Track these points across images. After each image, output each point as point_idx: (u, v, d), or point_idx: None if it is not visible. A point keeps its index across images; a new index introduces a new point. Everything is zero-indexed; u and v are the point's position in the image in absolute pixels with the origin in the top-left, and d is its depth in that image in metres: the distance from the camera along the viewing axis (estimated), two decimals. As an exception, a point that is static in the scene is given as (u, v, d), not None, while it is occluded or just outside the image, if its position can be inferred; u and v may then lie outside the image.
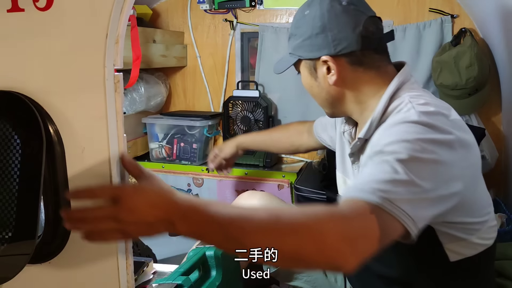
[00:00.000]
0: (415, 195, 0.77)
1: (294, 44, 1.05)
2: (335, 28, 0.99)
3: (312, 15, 1.01)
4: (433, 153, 0.81)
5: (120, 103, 0.71)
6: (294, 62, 1.08)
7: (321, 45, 1.00)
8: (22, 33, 0.67)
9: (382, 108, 0.97)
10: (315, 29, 1.00)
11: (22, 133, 0.65)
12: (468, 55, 1.91)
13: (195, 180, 2.34)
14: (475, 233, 0.94)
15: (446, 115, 0.89)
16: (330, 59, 1.00)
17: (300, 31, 1.03)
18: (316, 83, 1.06)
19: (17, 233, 0.65)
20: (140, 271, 1.06)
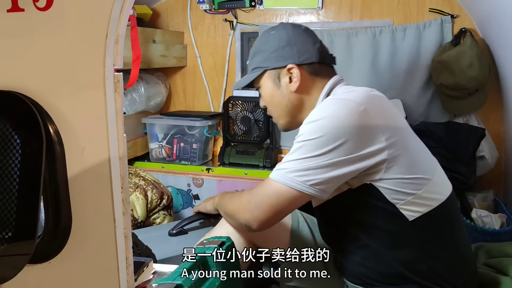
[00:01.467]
0: (302, 165, 1.02)
1: (260, 59, 1.22)
2: (299, 43, 1.19)
3: (278, 33, 1.21)
4: (344, 126, 1.01)
5: (120, 103, 0.71)
6: (256, 77, 1.24)
7: (287, 56, 1.18)
8: (22, 33, 0.67)
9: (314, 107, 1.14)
10: (282, 43, 1.19)
11: (22, 133, 0.65)
12: (468, 55, 1.91)
13: (195, 180, 2.34)
14: (421, 187, 1.05)
15: (361, 94, 1.07)
16: (295, 67, 1.18)
17: (267, 47, 1.22)
18: (278, 91, 1.21)
19: (17, 233, 0.65)
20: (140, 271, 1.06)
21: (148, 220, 1.96)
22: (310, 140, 1.02)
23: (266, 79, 1.23)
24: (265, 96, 1.26)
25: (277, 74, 1.21)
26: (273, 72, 1.21)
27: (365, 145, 1.01)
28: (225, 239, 1.09)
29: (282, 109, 1.23)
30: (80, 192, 0.70)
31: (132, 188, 1.92)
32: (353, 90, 1.11)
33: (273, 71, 1.21)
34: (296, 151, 1.04)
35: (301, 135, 1.05)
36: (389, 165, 1.02)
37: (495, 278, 1.18)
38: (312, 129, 1.02)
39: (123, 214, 0.73)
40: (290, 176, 1.03)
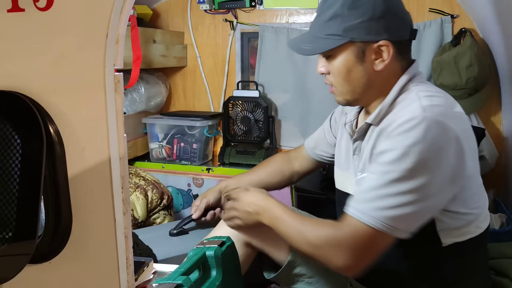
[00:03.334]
0: (407, 209, 0.90)
1: (345, 25, 0.99)
2: (395, 14, 1.00)
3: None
4: (428, 165, 0.90)
5: (120, 103, 0.71)
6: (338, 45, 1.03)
7: (381, 29, 0.99)
8: (22, 33, 0.67)
9: (393, 98, 1.02)
10: (378, 13, 0.98)
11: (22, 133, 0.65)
12: (468, 55, 1.91)
13: (195, 180, 2.34)
14: (472, 222, 1.01)
15: (450, 106, 0.97)
16: (388, 44, 1.00)
17: (357, 13, 0.98)
18: (360, 67, 1.03)
19: (17, 233, 0.65)
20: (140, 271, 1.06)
21: (148, 220, 1.97)
22: (400, 168, 0.90)
23: (347, 50, 1.02)
24: (338, 69, 1.05)
25: (363, 48, 1.01)
26: (359, 45, 1.01)
27: (455, 178, 0.94)
28: (225, 239, 1.09)
29: (355, 86, 1.06)
30: (80, 192, 0.70)
31: (133, 188, 1.92)
32: (437, 101, 0.96)
33: (359, 44, 1.01)
34: (381, 178, 0.92)
35: (385, 157, 0.93)
36: (454, 197, 0.96)
37: (494, 280, 1.18)
38: (403, 154, 0.90)
39: (124, 214, 0.73)
40: (376, 214, 0.91)
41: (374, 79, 1.04)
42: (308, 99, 2.36)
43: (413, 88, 1.01)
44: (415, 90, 1.00)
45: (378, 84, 1.05)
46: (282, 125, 2.45)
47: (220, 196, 1.49)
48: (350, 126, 1.16)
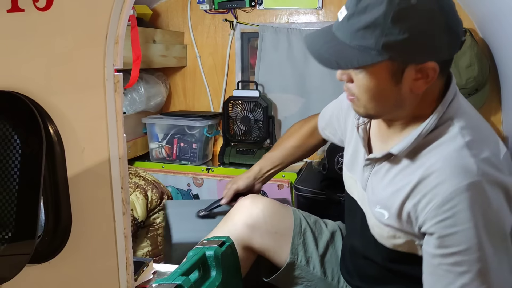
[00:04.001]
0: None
1: (386, 40, 0.78)
2: (452, 29, 0.80)
3: (425, 8, 0.77)
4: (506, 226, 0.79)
5: (120, 103, 0.71)
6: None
7: (426, 49, 0.80)
8: (22, 33, 0.67)
9: (430, 128, 0.86)
10: (429, 29, 0.78)
11: (22, 133, 0.65)
12: (468, 55, 1.91)
13: (195, 180, 2.34)
14: None
15: (497, 156, 0.83)
16: (437, 67, 0.81)
17: (403, 26, 0.77)
18: (394, 88, 0.85)
19: (17, 233, 0.65)
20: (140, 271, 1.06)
21: (148, 220, 1.96)
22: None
23: (382, 69, 0.83)
24: (367, 86, 0.86)
25: (402, 68, 0.82)
26: (398, 64, 0.82)
27: None
28: (225, 239, 1.09)
29: (384, 106, 0.89)
30: (80, 192, 0.70)
31: (132, 188, 1.91)
32: (487, 149, 0.82)
33: (399, 63, 0.82)
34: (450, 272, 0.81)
35: (447, 242, 0.80)
36: None
37: None
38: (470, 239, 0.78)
39: (123, 214, 0.73)
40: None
41: (408, 100, 0.87)
42: (308, 99, 2.36)
43: (455, 121, 0.85)
44: (457, 125, 0.84)
45: (411, 105, 0.89)
46: (282, 125, 2.45)
47: (252, 183, 1.44)
48: (363, 130, 1.04)
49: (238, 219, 1.24)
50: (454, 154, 0.81)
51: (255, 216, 1.23)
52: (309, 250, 1.25)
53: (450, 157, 0.81)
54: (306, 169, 2.19)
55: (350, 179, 1.14)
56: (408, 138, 0.88)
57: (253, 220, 1.22)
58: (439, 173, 0.81)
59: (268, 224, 1.23)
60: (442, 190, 0.79)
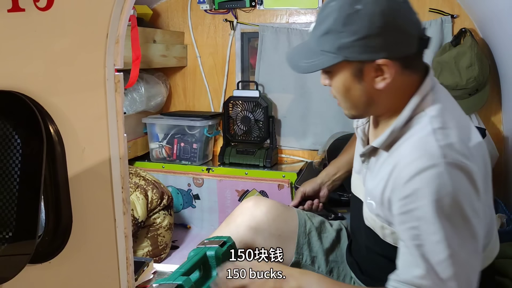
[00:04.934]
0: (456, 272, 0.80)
1: (339, 42, 0.89)
2: (397, 28, 0.88)
3: (368, 11, 0.87)
4: (468, 213, 0.82)
5: (120, 103, 0.71)
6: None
7: (380, 47, 0.88)
8: (23, 33, 0.67)
9: (404, 120, 0.93)
10: (374, 29, 0.87)
11: (22, 133, 0.65)
12: (468, 55, 1.91)
13: (195, 180, 2.34)
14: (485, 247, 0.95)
15: (465, 142, 0.87)
16: (388, 63, 0.89)
17: (352, 29, 0.87)
18: (359, 86, 0.94)
19: (17, 233, 0.65)
20: (140, 271, 1.06)
21: (149, 220, 1.97)
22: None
23: (343, 68, 0.93)
24: (338, 87, 0.96)
25: (360, 67, 0.91)
26: (356, 64, 0.91)
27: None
28: (226, 239, 1.09)
29: (356, 103, 0.97)
30: (80, 192, 0.70)
31: (133, 188, 1.92)
32: (453, 136, 0.87)
33: (356, 63, 0.91)
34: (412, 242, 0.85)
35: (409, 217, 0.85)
36: None
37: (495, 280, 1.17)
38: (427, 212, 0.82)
39: (124, 214, 0.73)
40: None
41: (378, 97, 0.95)
42: (308, 99, 2.36)
43: (427, 111, 0.91)
44: (428, 115, 0.90)
45: (384, 101, 0.96)
46: (282, 125, 2.45)
47: (318, 187, 1.45)
48: (362, 131, 1.10)
49: (241, 221, 1.23)
50: (421, 140, 0.87)
51: (259, 218, 1.23)
52: (314, 249, 1.25)
53: (417, 143, 0.88)
54: (306, 169, 2.19)
55: (356, 180, 1.16)
56: (386, 131, 0.95)
57: (256, 223, 1.22)
58: (407, 158, 0.87)
59: (272, 227, 1.23)
60: (406, 172, 0.85)
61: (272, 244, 1.21)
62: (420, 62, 0.97)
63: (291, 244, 1.24)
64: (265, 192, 2.20)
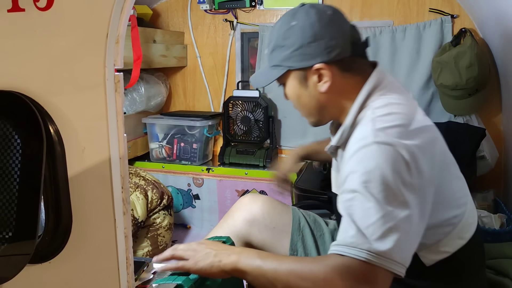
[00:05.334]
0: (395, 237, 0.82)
1: (282, 55, 1.04)
2: (327, 36, 1.00)
3: (300, 25, 1.01)
4: (398, 178, 0.85)
5: (120, 103, 0.71)
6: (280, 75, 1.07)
7: (314, 54, 1.01)
8: (23, 33, 0.67)
9: (352, 117, 1.01)
10: (307, 39, 1.00)
11: (22, 133, 0.65)
12: (468, 55, 1.91)
13: (195, 180, 2.34)
14: (448, 233, 0.97)
15: (405, 126, 0.91)
16: (324, 67, 1.01)
17: (289, 42, 1.02)
18: (306, 92, 1.06)
19: (17, 233, 0.65)
20: (140, 271, 1.06)
21: (149, 219, 1.97)
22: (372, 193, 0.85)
23: (291, 78, 1.07)
24: (291, 96, 1.10)
25: (303, 75, 1.04)
26: (299, 72, 1.04)
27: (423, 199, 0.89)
28: (225, 239, 1.09)
29: (310, 110, 1.09)
30: (80, 192, 0.70)
31: (133, 188, 1.92)
32: (392, 121, 0.92)
33: (299, 71, 1.04)
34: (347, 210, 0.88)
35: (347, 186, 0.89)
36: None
37: (494, 280, 1.18)
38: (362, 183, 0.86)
39: (124, 214, 0.73)
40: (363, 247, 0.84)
41: (325, 100, 1.05)
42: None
43: (371, 104, 0.99)
44: (371, 108, 0.98)
45: (331, 104, 1.06)
46: (282, 125, 2.45)
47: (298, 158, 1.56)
48: (328, 149, 1.14)
49: (238, 215, 1.28)
50: (361, 129, 0.96)
51: (254, 211, 1.27)
52: (308, 246, 1.27)
53: (358, 133, 0.96)
54: (306, 169, 2.19)
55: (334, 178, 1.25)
56: (339, 130, 1.05)
57: (252, 215, 1.27)
58: (349, 145, 0.96)
59: (267, 219, 1.27)
60: (346, 158, 0.94)
61: (266, 236, 1.26)
62: (363, 64, 1.06)
63: (285, 238, 1.27)
64: (265, 192, 2.20)
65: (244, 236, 1.24)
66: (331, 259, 0.84)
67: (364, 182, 0.86)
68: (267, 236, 1.25)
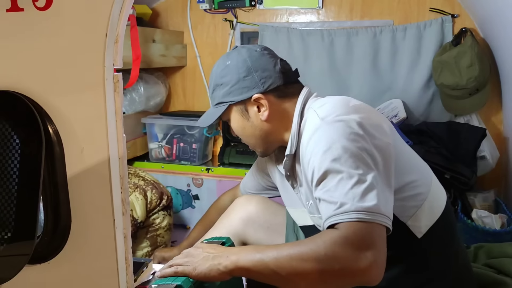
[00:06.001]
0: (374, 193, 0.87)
1: (222, 92, 1.14)
2: (259, 69, 1.11)
3: (234, 63, 1.13)
4: (356, 144, 0.91)
5: (119, 103, 0.70)
6: (222, 112, 1.15)
7: (250, 86, 1.11)
8: (22, 33, 0.67)
9: (296, 124, 1.09)
10: (242, 73, 1.11)
11: (21, 133, 0.65)
12: (469, 55, 1.91)
13: (195, 180, 2.33)
14: (424, 194, 1.02)
15: (344, 106, 1.00)
16: (262, 96, 1.10)
17: (227, 79, 1.13)
18: (249, 123, 1.15)
19: (16, 233, 0.65)
20: (140, 272, 1.06)
21: (148, 220, 1.96)
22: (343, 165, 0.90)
23: (233, 113, 1.16)
24: (236, 129, 1.20)
25: (244, 107, 1.14)
26: (240, 106, 1.14)
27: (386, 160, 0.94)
28: (225, 239, 1.08)
29: (256, 139, 1.17)
30: (79, 192, 0.70)
31: (132, 188, 1.91)
32: (330, 106, 1.01)
33: (239, 104, 1.14)
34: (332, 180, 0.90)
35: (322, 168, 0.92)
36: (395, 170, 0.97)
37: (496, 278, 1.18)
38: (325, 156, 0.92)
39: (123, 214, 0.72)
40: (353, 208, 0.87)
41: (267, 127, 1.14)
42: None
43: (312, 106, 1.07)
44: (311, 109, 1.06)
45: (274, 129, 1.14)
46: (282, 125, 2.45)
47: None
48: (285, 166, 1.15)
49: (234, 215, 1.32)
50: (309, 124, 1.03)
51: (249, 211, 1.32)
52: None
53: (308, 127, 1.02)
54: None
55: (296, 213, 1.25)
56: (289, 141, 1.10)
57: (247, 215, 1.31)
58: (305, 138, 1.01)
59: (261, 219, 1.31)
60: (303, 146, 1.01)
61: (261, 235, 1.29)
62: (297, 88, 1.16)
63: (279, 238, 1.29)
64: (265, 192, 2.20)
65: (240, 235, 1.27)
66: (327, 234, 0.86)
67: (328, 157, 0.91)
68: (262, 235, 1.28)
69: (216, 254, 0.94)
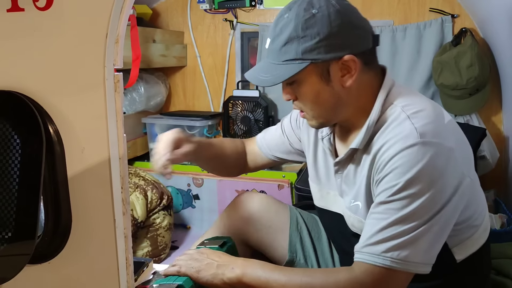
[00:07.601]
0: (426, 241, 0.84)
1: (303, 47, 0.91)
2: (355, 25, 0.92)
3: (325, 13, 0.90)
4: (442, 181, 0.85)
5: (120, 103, 0.70)
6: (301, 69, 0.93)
7: (343, 44, 0.91)
8: (22, 33, 0.67)
9: (376, 116, 0.95)
10: (334, 28, 0.90)
11: (22, 133, 0.65)
12: (469, 55, 1.91)
13: (195, 180, 2.33)
14: (478, 226, 0.98)
15: (441, 119, 0.92)
16: (355, 58, 0.91)
17: (313, 32, 0.90)
18: (327, 88, 0.94)
19: (16, 233, 0.65)
20: (140, 271, 1.06)
21: (148, 220, 1.96)
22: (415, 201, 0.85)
23: (310, 73, 0.93)
24: (306, 93, 0.96)
25: (326, 67, 0.92)
26: (321, 65, 0.92)
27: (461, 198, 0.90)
28: (226, 239, 1.09)
29: (327, 108, 0.97)
30: (80, 192, 0.70)
31: (132, 188, 1.91)
32: (427, 116, 0.90)
33: (322, 64, 0.92)
34: (388, 217, 0.87)
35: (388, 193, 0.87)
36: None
37: (496, 280, 1.17)
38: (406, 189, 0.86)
39: (123, 214, 0.73)
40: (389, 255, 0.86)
41: (346, 97, 0.96)
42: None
43: (396, 103, 0.94)
44: (399, 105, 0.93)
45: (351, 101, 0.97)
46: (282, 125, 2.45)
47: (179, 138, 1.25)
48: (328, 141, 1.08)
49: (234, 213, 1.26)
50: (399, 126, 0.90)
51: (250, 210, 1.25)
52: (306, 248, 1.25)
53: (396, 129, 0.90)
54: (306, 169, 2.19)
55: (319, 193, 1.16)
56: (362, 130, 0.96)
57: (248, 214, 1.24)
58: (387, 144, 0.90)
59: (263, 218, 1.24)
60: (387, 155, 0.89)
61: (263, 235, 1.23)
62: (376, 59, 1.00)
63: (281, 237, 1.24)
64: (265, 192, 2.20)
65: (241, 234, 1.22)
66: (343, 274, 0.86)
67: (407, 188, 0.85)
68: (263, 234, 1.24)
69: (221, 263, 0.94)
